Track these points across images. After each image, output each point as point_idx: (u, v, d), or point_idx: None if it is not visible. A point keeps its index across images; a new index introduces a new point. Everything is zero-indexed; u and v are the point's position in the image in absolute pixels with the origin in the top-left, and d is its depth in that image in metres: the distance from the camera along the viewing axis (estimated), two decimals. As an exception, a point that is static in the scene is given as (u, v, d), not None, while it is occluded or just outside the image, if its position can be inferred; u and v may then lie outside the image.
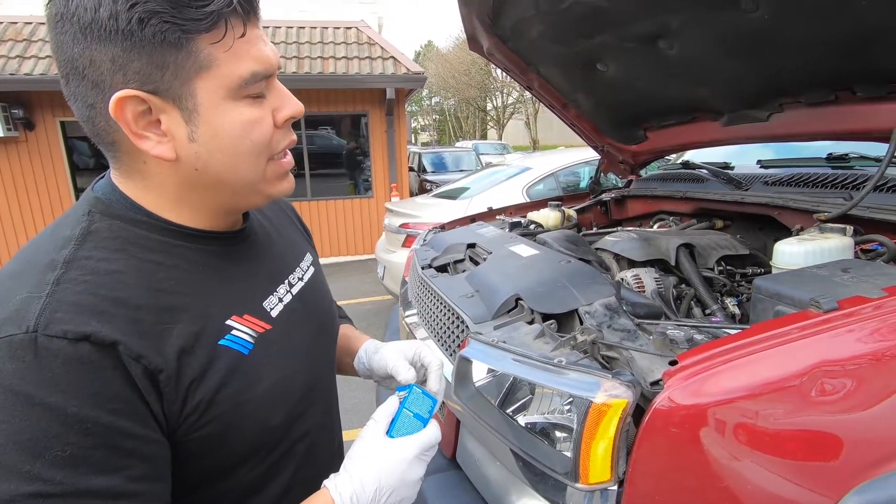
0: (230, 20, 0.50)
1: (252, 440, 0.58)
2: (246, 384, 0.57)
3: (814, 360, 0.72)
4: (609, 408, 0.69)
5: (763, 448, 0.71)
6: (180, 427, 0.52)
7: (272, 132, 0.56)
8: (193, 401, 0.52)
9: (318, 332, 0.72)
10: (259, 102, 0.55)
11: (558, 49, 1.99)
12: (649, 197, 2.32)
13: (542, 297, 1.08)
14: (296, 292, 0.70)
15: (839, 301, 0.77)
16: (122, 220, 0.55)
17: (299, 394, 0.65)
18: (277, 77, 0.59)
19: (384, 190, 7.36)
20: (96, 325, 0.47)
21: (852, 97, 1.35)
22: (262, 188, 0.59)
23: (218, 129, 0.53)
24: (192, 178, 0.55)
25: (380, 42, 7.24)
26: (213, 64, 0.50)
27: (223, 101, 0.52)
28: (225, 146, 0.54)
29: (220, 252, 0.61)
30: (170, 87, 0.50)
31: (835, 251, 1.18)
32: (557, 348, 0.84)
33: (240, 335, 0.58)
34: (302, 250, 0.78)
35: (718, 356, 0.72)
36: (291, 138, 0.61)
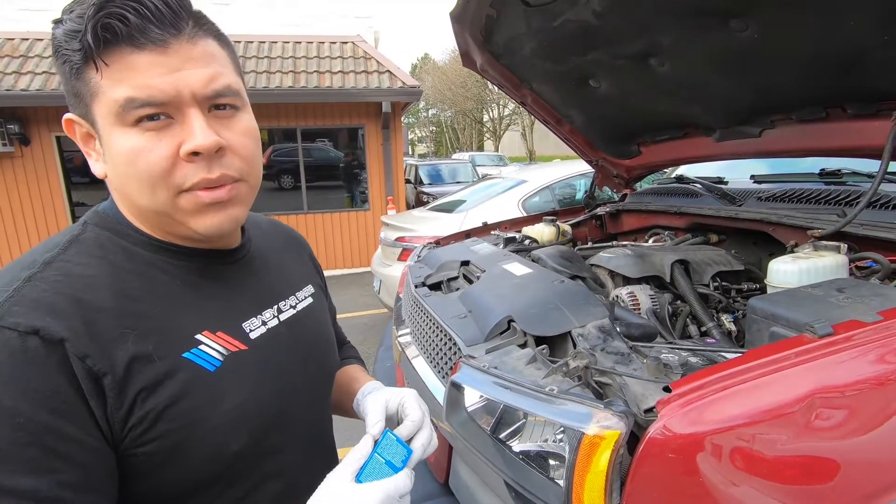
0: (109, 53, 0.51)
1: (209, 464, 0.56)
2: (203, 402, 0.55)
3: (810, 386, 0.70)
4: (602, 439, 0.67)
5: (762, 477, 0.69)
6: (125, 438, 0.51)
7: (170, 165, 0.54)
8: (140, 411, 0.51)
9: (302, 362, 0.69)
10: (155, 132, 0.53)
11: (551, 66, 2.00)
12: (644, 211, 2.31)
13: (534, 319, 1.07)
14: (284, 318, 0.69)
15: (834, 326, 0.75)
16: (111, 232, 0.58)
17: (269, 421, 0.61)
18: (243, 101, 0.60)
19: (380, 202, 7.36)
20: (49, 321, 0.48)
21: (843, 114, 1.35)
22: (178, 218, 0.57)
23: (114, 155, 0.55)
24: (119, 196, 0.59)
25: (375, 56, 7.29)
26: (99, 91, 0.53)
27: (112, 127, 0.54)
28: (120, 171, 0.55)
29: (204, 270, 0.62)
30: (85, 112, 0.55)
31: (829, 269, 1.18)
32: (549, 375, 0.83)
33: (207, 351, 0.57)
34: (303, 281, 0.78)
35: (713, 383, 0.71)
36: (205, 175, 0.56)
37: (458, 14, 1.88)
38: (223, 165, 0.57)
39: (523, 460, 0.79)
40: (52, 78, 5.95)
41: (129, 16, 0.51)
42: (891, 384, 0.71)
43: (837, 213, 1.40)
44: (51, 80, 5.92)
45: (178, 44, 0.53)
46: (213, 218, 0.58)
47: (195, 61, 0.55)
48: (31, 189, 6.32)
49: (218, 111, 0.57)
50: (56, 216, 6.44)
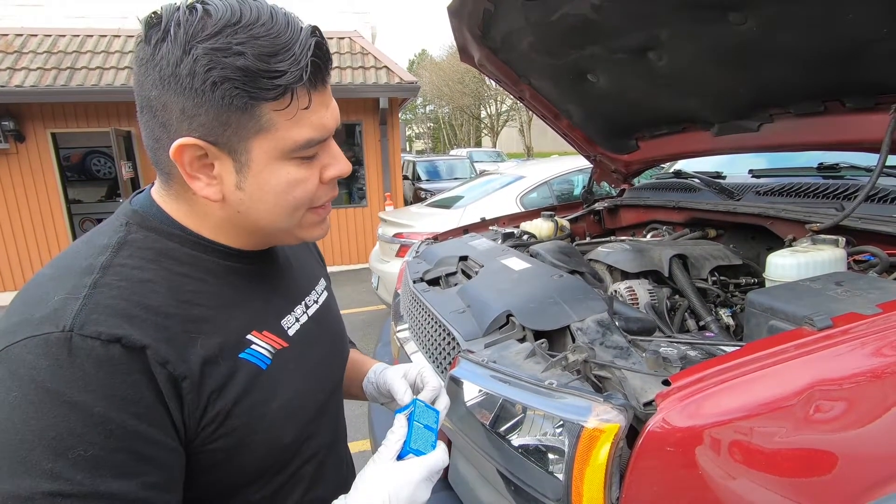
0: (297, 92, 0.53)
1: (263, 457, 0.59)
2: (262, 398, 0.58)
3: (809, 379, 0.70)
4: (601, 433, 0.67)
5: (761, 469, 0.69)
6: (198, 437, 0.53)
7: (316, 189, 0.60)
8: (213, 411, 0.53)
9: (330, 354, 0.74)
10: (308, 163, 0.58)
11: (549, 60, 1.99)
12: (642, 206, 2.31)
13: (533, 313, 1.06)
14: (311, 313, 0.72)
15: (833, 318, 0.75)
16: (157, 233, 0.58)
17: (311, 413, 0.66)
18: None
19: (378, 199, 7.34)
20: (128, 329, 0.49)
21: (841, 108, 1.35)
22: (296, 233, 0.63)
23: (264, 185, 0.56)
24: (234, 217, 0.59)
25: (373, 52, 7.26)
26: (272, 127, 0.53)
27: (274, 161, 0.55)
28: (267, 199, 0.57)
29: (244, 270, 0.64)
30: (229, 141, 0.54)
31: (827, 263, 1.18)
32: (548, 369, 0.83)
33: (259, 350, 0.60)
34: (316, 275, 0.81)
35: (712, 376, 0.71)
36: (333, 193, 0.64)
37: (456, 8, 1.87)
38: (337, 185, 0.65)
39: (522, 454, 0.79)
40: (47, 74, 5.91)
41: (316, 60, 0.53)
42: (890, 376, 0.71)
43: (836, 207, 1.39)
44: (45, 76, 5.88)
45: (329, 81, 0.58)
46: (321, 229, 0.65)
47: (330, 94, 0.59)
48: (26, 186, 6.28)
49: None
50: (52, 214, 6.41)
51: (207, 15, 0.50)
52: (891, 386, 0.71)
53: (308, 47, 0.52)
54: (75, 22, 7.57)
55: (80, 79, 5.94)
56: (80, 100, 5.97)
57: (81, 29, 6.93)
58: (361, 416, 3.05)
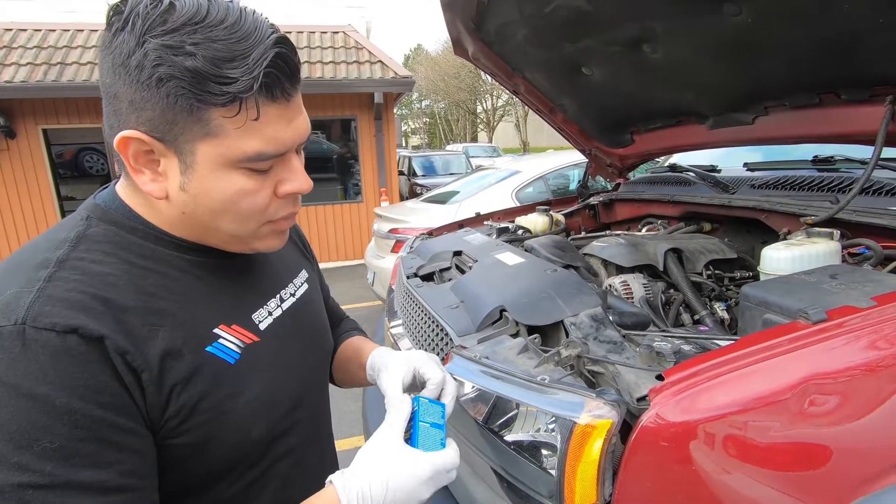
0: (246, 102, 0.50)
1: (232, 452, 0.58)
2: (230, 393, 0.57)
3: (804, 373, 0.69)
4: (593, 429, 0.66)
5: (756, 464, 0.68)
6: (161, 430, 0.52)
7: (268, 202, 0.57)
8: (176, 405, 0.53)
9: (306, 349, 0.72)
10: (259, 175, 0.55)
11: (543, 53, 1.98)
12: (637, 200, 2.30)
13: (526, 308, 1.05)
14: (286, 308, 0.70)
15: (828, 311, 0.75)
16: (118, 227, 0.57)
17: (284, 409, 0.65)
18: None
19: (374, 194, 7.32)
20: (84, 319, 0.48)
21: (837, 100, 1.34)
22: (249, 242, 0.61)
23: (209, 190, 0.54)
24: (181, 217, 0.58)
25: (367, 46, 7.21)
26: (220, 134, 0.51)
27: (220, 167, 0.53)
28: (212, 206, 0.55)
29: (212, 264, 0.62)
30: (175, 139, 0.52)
31: (822, 256, 1.17)
32: (541, 364, 0.82)
33: (227, 344, 0.59)
34: (297, 266, 0.79)
35: (706, 371, 0.70)
36: (293, 209, 0.62)
37: (450, 1, 1.85)
38: (300, 199, 0.63)
39: (515, 451, 0.78)
40: (37, 69, 5.84)
41: (274, 71, 0.51)
42: (885, 370, 0.70)
43: (830, 200, 1.39)
44: (35, 71, 5.81)
45: (295, 95, 0.55)
46: (277, 240, 0.63)
47: (299, 108, 0.57)
48: (17, 183, 6.22)
49: (298, 149, 0.60)
50: (45, 210, 6.36)
51: (171, 9, 0.49)
52: (886, 379, 0.70)
53: (266, 57, 0.50)
54: (66, 16, 7.51)
55: (70, 74, 5.88)
56: (71, 95, 5.90)
57: (72, 23, 6.86)
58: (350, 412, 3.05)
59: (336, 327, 0.97)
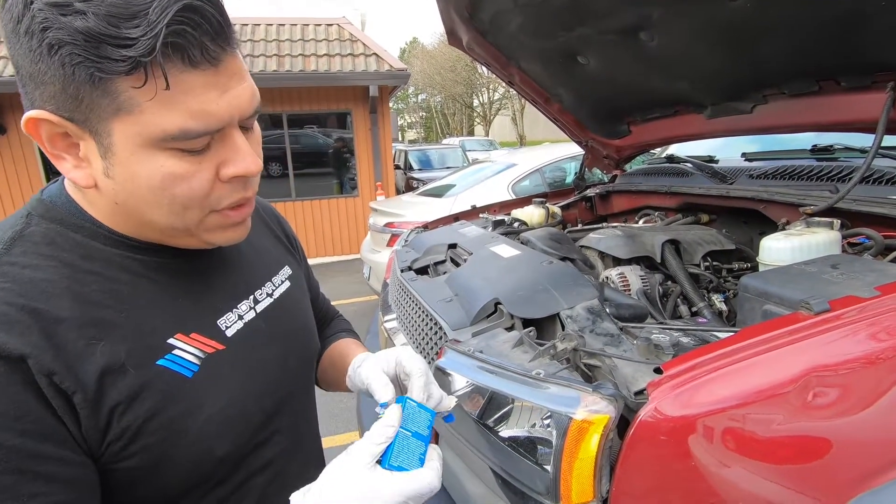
0: (151, 67, 0.42)
1: (191, 473, 0.52)
2: (184, 410, 0.51)
3: (807, 365, 0.67)
4: (590, 424, 0.64)
5: (758, 459, 0.66)
6: (103, 455, 0.47)
7: (209, 188, 0.50)
8: (118, 427, 0.47)
9: (287, 353, 0.65)
10: (193, 156, 0.48)
11: (538, 42, 1.95)
12: (634, 192, 2.28)
13: (521, 301, 1.03)
14: (261, 310, 0.64)
15: (830, 302, 0.73)
16: (62, 225, 0.51)
17: (257, 421, 0.59)
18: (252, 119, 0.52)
19: (370, 188, 7.27)
20: (4, 337, 0.42)
21: (837, 87, 1.32)
22: (199, 235, 0.54)
23: (133, 176, 0.47)
24: (117, 208, 0.51)
25: (362, 39, 7.14)
26: (134, 109, 0.44)
27: (141, 148, 0.46)
28: (142, 193, 0.48)
29: (172, 266, 0.56)
30: (87, 118, 0.45)
31: (822, 246, 1.15)
32: (536, 358, 0.79)
33: (182, 355, 0.52)
34: (278, 263, 0.72)
35: (706, 364, 0.68)
36: (243, 195, 0.53)
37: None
38: (253, 183, 0.55)
39: (510, 446, 0.76)
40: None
41: (187, 29, 0.43)
42: (890, 361, 0.68)
43: (830, 189, 1.37)
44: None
45: (225, 59, 0.47)
46: (233, 233, 0.56)
47: (237, 76, 0.48)
48: (9, 179, 6.16)
49: (245, 125, 0.52)
50: (37, 206, 6.29)
51: None
52: (891, 371, 0.68)
53: (168, 11, 0.41)
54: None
55: (61, 68, 5.79)
56: (61, 90, 5.82)
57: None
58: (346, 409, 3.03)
59: (326, 327, 0.92)
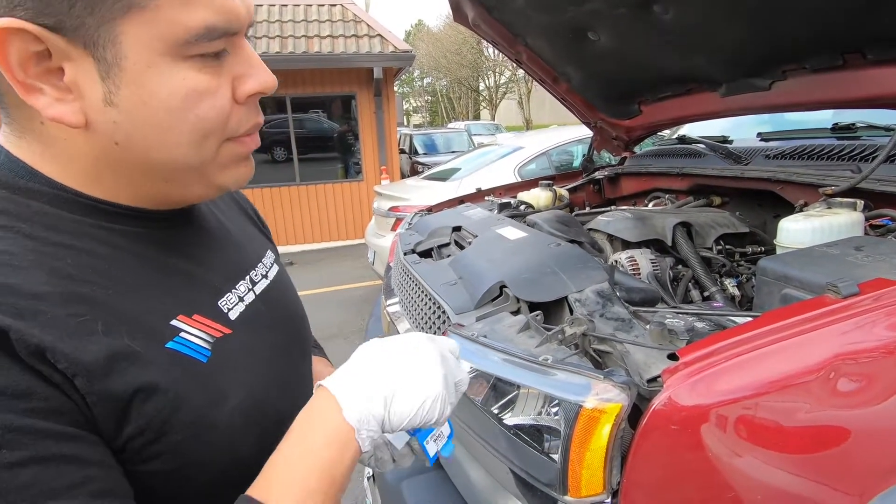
0: None
1: (216, 478, 0.44)
2: (207, 402, 0.43)
3: (834, 351, 0.63)
4: (601, 413, 0.60)
5: (778, 451, 0.63)
6: (122, 453, 0.38)
7: (230, 108, 0.43)
8: (139, 419, 0.38)
9: (288, 343, 0.58)
10: (214, 68, 0.41)
11: (546, 17, 1.87)
12: (644, 174, 2.22)
13: (528, 284, 0.99)
14: (259, 292, 0.56)
15: (859, 285, 0.68)
16: (12, 191, 0.41)
17: (273, 418, 0.50)
18: (248, 39, 0.45)
19: (374, 173, 7.21)
20: None
21: (862, 61, 1.25)
22: (210, 175, 0.46)
23: (150, 96, 0.39)
24: (112, 154, 0.41)
25: (366, 19, 7.01)
26: (149, 3, 0.36)
27: (160, 58, 0.38)
28: (158, 119, 0.40)
29: (156, 237, 0.47)
30: (81, 24, 0.35)
31: (844, 228, 1.10)
32: (543, 343, 0.76)
33: (191, 339, 0.44)
34: (262, 246, 0.65)
35: (724, 350, 0.64)
36: (257, 119, 0.47)
37: (447, -39, 1.74)
38: (259, 108, 0.48)
39: (516, 434, 0.72)
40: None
41: None
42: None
43: (851, 169, 1.31)
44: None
45: None
46: (245, 169, 0.48)
47: None
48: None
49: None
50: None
51: None
52: (924, 358, 0.64)
53: None
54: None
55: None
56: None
57: None
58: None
59: None
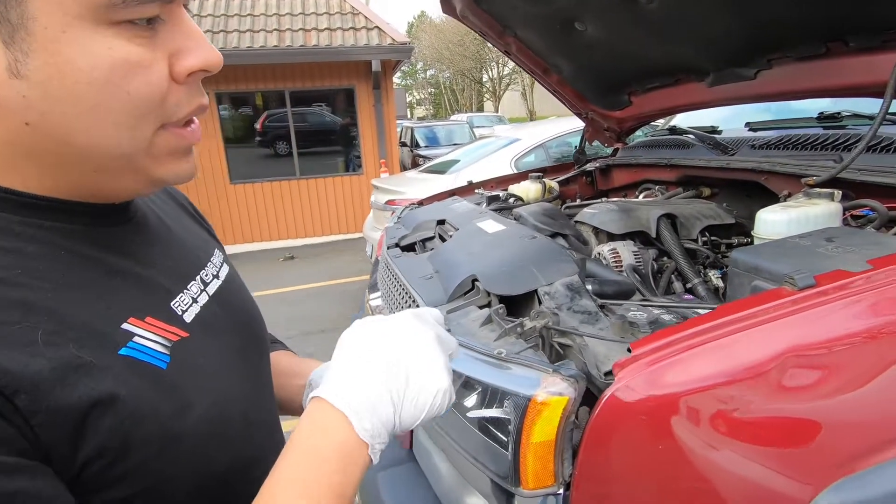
0: None
1: (193, 494, 0.40)
2: (173, 411, 0.39)
3: (786, 344, 0.63)
4: (547, 406, 0.60)
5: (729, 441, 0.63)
6: (78, 479, 0.34)
7: (167, 87, 0.38)
8: (95, 438, 0.34)
9: (246, 344, 0.54)
10: (148, 38, 0.36)
11: (533, 8, 1.86)
12: (634, 165, 2.21)
13: (498, 277, 0.99)
14: (212, 293, 0.52)
15: (817, 276, 0.67)
16: None
17: (240, 422, 0.46)
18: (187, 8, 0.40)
19: (374, 166, 7.20)
20: None
21: (845, 49, 1.23)
22: (145, 167, 0.40)
23: (67, 66, 0.33)
24: (24, 137, 0.35)
25: (364, 11, 6.97)
26: None
27: (79, 22, 0.33)
28: (79, 95, 0.34)
29: (92, 234, 0.42)
30: None
31: (821, 218, 1.09)
32: (501, 336, 0.76)
33: (146, 343, 0.40)
34: (208, 244, 0.60)
35: (676, 343, 0.63)
36: (201, 101, 0.42)
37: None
38: (203, 90, 0.42)
39: (474, 427, 0.73)
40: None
41: None
42: (879, 339, 0.63)
43: (834, 159, 1.29)
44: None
45: None
46: (186, 164, 0.42)
47: None
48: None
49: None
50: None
51: None
52: (877, 351, 0.63)
53: None
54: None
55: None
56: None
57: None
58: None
59: None
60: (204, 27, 6.26)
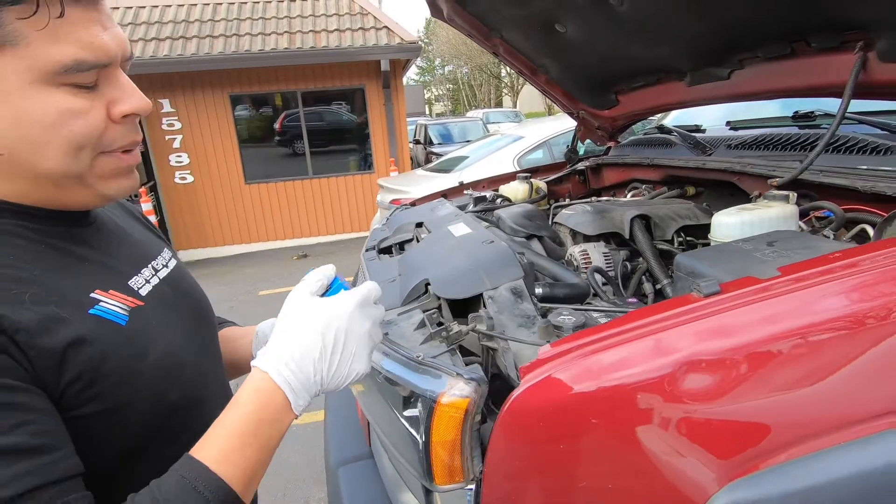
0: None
1: (149, 420, 0.54)
2: (130, 356, 0.53)
3: (684, 349, 0.65)
4: (451, 407, 0.64)
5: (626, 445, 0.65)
6: (61, 399, 0.47)
7: (104, 127, 0.51)
8: (73, 367, 0.47)
9: (195, 316, 0.69)
10: (89, 92, 0.50)
11: (515, 10, 1.88)
12: (622, 164, 2.21)
13: (448, 281, 1.03)
14: (163, 277, 0.66)
15: (723, 284, 0.69)
16: None
17: (193, 374, 0.61)
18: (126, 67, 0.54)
19: (385, 165, 7.28)
20: None
21: (808, 49, 1.23)
22: (94, 185, 0.54)
23: (22, 116, 0.47)
24: (2, 164, 0.49)
25: (373, 11, 7.03)
26: (20, 41, 0.44)
27: (32, 85, 0.46)
28: (33, 135, 0.47)
29: (62, 232, 0.56)
30: None
31: (776, 221, 1.09)
32: (427, 340, 0.80)
33: (110, 307, 0.54)
34: (158, 244, 0.73)
35: (581, 347, 0.67)
36: (135, 137, 0.55)
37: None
38: (138, 130, 0.56)
39: (402, 428, 0.77)
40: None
41: None
42: (773, 347, 0.65)
43: (800, 160, 1.29)
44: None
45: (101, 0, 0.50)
46: (126, 181, 0.56)
47: (111, 18, 0.51)
48: None
49: (123, 68, 0.55)
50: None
51: None
52: (774, 358, 0.65)
53: None
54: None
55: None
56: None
57: None
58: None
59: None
60: (217, 31, 6.40)
